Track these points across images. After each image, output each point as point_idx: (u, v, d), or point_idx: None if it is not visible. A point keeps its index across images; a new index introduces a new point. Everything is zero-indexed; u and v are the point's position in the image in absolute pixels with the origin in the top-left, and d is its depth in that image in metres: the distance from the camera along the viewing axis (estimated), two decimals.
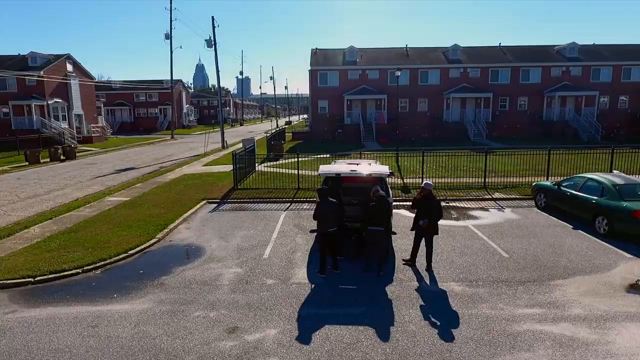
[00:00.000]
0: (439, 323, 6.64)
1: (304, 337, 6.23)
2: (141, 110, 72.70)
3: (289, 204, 15.06)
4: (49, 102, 39.20)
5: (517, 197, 15.28)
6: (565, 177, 13.57)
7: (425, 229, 8.82)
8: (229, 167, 24.29)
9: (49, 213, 14.11)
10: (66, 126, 40.64)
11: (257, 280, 8.40)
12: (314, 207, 14.59)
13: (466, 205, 14.36)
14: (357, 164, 10.47)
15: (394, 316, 6.86)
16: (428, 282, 8.26)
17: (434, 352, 5.84)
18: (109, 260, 9.45)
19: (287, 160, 24.76)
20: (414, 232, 9.13)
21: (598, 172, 13.65)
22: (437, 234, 9.01)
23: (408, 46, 42.47)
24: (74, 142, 37.88)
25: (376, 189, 9.19)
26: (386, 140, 35.69)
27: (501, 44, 42.46)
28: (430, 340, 6.15)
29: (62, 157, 30.17)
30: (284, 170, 21.06)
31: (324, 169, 9.88)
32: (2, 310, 7.29)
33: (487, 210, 13.73)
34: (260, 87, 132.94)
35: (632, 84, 38.66)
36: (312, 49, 42.12)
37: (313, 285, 8.10)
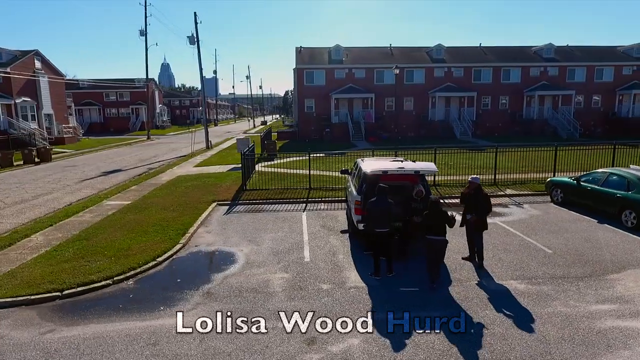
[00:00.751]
0: (521, 323, 6.40)
1: (393, 346, 5.83)
2: (111, 110, 69.59)
3: (304, 204, 14.55)
4: (16, 101, 36.64)
5: (529, 193, 15.45)
6: (583, 173, 13.78)
7: (474, 224, 8.66)
8: (224, 168, 23.48)
9: (46, 219, 12.96)
10: (36, 127, 38.13)
11: (311, 285, 7.90)
12: (332, 207, 14.42)
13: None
14: (401, 161, 10.14)
15: (473, 319, 6.57)
16: (486, 280, 8.04)
17: (535, 355, 5.58)
18: (139, 269, 8.66)
19: (284, 160, 24.17)
20: (464, 228, 8.98)
21: (603, 167, 14.00)
22: (487, 229, 8.86)
23: (392, 45, 42.71)
24: (45, 143, 35.55)
25: (419, 189, 8.90)
26: (375, 139, 35.68)
27: (481, 44, 43.45)
28: (523, 342, 5.90)
29: (36, 160, 28.23)
30: (284, 170, 20.45)
31: (368, 166, 9.47)
32: (36, 329, 6.44)
33: (506, 206, 13.76)
34: (233, 87, 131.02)
35: (604, 83, 40.53)
36: (296, 47, 41.56)
37: (372, 289, 7.69)
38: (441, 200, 8.13)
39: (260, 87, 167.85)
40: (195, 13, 35.51)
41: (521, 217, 12.47)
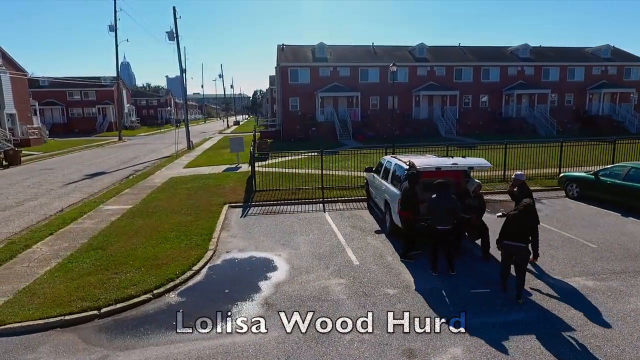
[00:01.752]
0: (614, 323, 6.16)
1: (498, 354, 5.39)
2: (76, 110, 65.81)
3: (321, 204, 13.96)
4: None
5: (540, 188, 15.57)
6: (600, 168, 13.98)
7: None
8: (217, 169, 22.43)
9: (42, 227, 11.69)
10: None
11: (376, 291, 7.36)
12: (352, 206, 13.88)
13: (501, 199, 14.29)
14: (452, 157, 9.77)
15: (564, 319, 6.26)
16: (551, 278, 7.79)
17: None
18: (177, 281, 7.80)
19: (279, 160, 23.41)
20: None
21: (614, 163, 14.30)
22: (539, 222, 8.70)
23: (375, 44, 42.69)
24: (10, 145, 32.84)
25: (478, 185, 8.56)
26: (362, 138, 35.47)
27: (460, 44, 44.28)
28: (630, 343, 5.63)
29: (4, 163, 25.97)
30: (285, 170, 19.69)
31: (419, 162, 9.02)
32: (86, 357, 5.54)
33: None
34: (202, 87, 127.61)
35: (576, 83, 42.31)
36: (278, 45, 40.72)
37: (442, 292, 7.25)
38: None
39: (232, 86, 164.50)
40: (174, 7, 33.96)
41: (545, 212, 12.45)
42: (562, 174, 14.98)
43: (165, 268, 8.29)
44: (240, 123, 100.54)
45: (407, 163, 9.54)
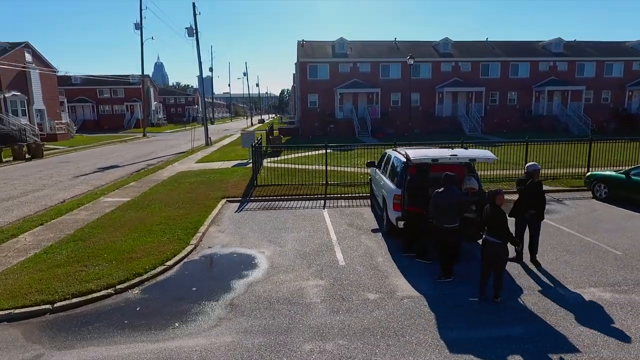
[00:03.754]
0: (632, 345, 5.14)
1: None
2: (105, 107, 67.81)
3: (322, 200, 13.24)
4: (6, 95, 34.91)
5: (565, 188, 14.26)
6: (632, 167, 12.58)
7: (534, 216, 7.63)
8: (228, 164, 22.10)
9: (36, 217, 11.55)
10: (27, 122, 36.41)
11: (354, 295, 6.58)
12: (354, 203, 13.09)
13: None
14: (452, 149, 8.85)
15: (568, 338, 5.29)
16: (561, 288, 6.77)
17: None
18: (145, 276, 7.30)
19: (291, 156, 22.89)
20: (512, 219, 7.83)
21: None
22: (543, 219, 7.83)
23: (397, 40, 41.47)
24: (36, 139, 33.89)
25: (471, 184, 7.60)
26: (382, 135, 34.42)
27: (488, 39, 42.36)
28: None
29: (27, 156, 26.68)
30: (293, 166, 19.13)
31: (415, 153, 8.16)
32: (20, 355, 5.07)
33: (548, 203, 12.45)
34: (229, 85, 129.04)
35: (614, 79, 39.59)
36: (298, 41, 40.19)
37: (430, 299, 6.39)
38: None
39: (257, 85, 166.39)
40: (194, 4, 34.05)
41: (568, 214, 11.25)
42: (588, 173, 13.62)
43: (137, 262, 7.81)
44: (266, 121, 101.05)
45: (405, 155, 8.69)
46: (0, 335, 5.54)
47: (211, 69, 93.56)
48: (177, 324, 5.76)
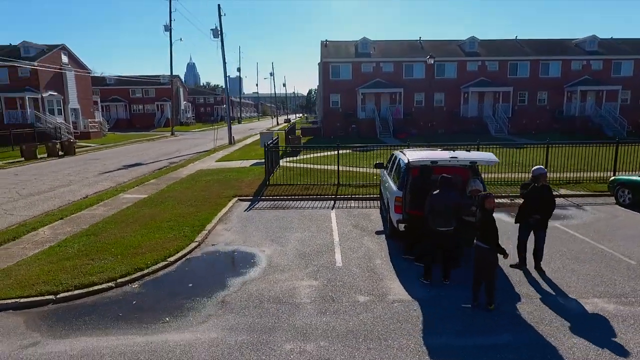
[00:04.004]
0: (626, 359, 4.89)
1: None
2: (137, 106, 70.23)
3: (332, 201, 13.24)
4: (43, 95, 36.85)
5: (587, 193, 13.64)
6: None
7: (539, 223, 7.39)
8: (246, 163, 22.46)
9: (58, 212, 12.13)
10: (62, 121, 38.29)
11: (345, 296, 6.57)
12: (363, 205, 13.04)
13: None
14: (454, 151, 8.66)
15: (558, 350, 5.09)
16: (562, 297, 6.51)
17: None
18: (147, 270, 7.55)
19: (308, 156, 22.99)
20: (517, 225, 7.68)
21: None
22: (547, 226, 7.53)
23: (422, 39, 40.83)
24: (70, 137, 35.58)
25: (476, 186, 7.40)
26: (404, 135, 33.98)
27: (517, 37, 41.02)
28: None
29: (60, 153, 28.00)
30: (309, 166, 19.22)
31: (414, 155, 8.06)
32: (18, 342, 5.37)
33: (565, 208, 12.04)
34: (257, 85, 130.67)
35: None
36: (321, 41, 40.26)
37: (421, 304, 6.29)
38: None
39: (284, 84, 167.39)
40: (219, 5, 34.75)
41: (585, 220, 10.77)
42: (612, 178, 12.98)
43: (140, 257, 8.09)
44: (292, 121, 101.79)
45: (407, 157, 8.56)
46: (4, 322, 5.88)
47: (239, 69, 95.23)
48: (167, 319, 5.93)
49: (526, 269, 7.56)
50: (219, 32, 35.23)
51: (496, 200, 12.32)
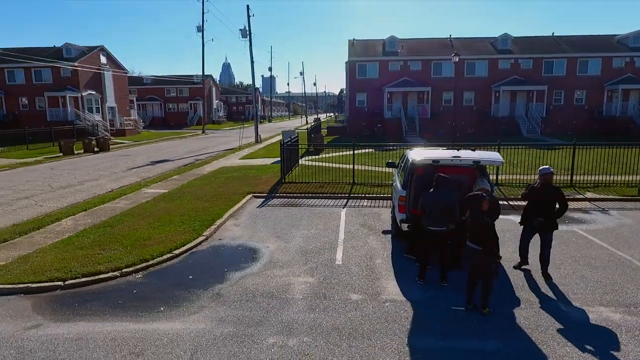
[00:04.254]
0: None
1: None
2: (172, 105, 72.59)
3: (345, 200, 13.21)
4: (83, 94, 38.82)
5: (616, 197, 12.90)
6: None
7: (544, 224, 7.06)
8: (268, 160, 22.76)
9: (82, 204, 12.77)
10: (100, 118, 40.21)
11: (338, 294, 6.56)
12: (376, 204, 12.96)
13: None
14: (458, 150, 8.46)
15: (548, 358, 4.87)
16: (565, 304, 6.21)
17: None
18: (151, 262, 7.84)
19: (330, 155, 22.99)
20: (521, 226, 7.44)
21: None
22: (557, 228, 7.13)
23: (452, 36, 39.87)
24: (107, 134, 37.33)
25: (484, 185, 7.16)
26: (431, 135, 33.34)
27: (554, 34, 39.23)
28: None
29: (95, 149, 29.42)
30: (329, 164, 19.24)
31: (417, 154, 7.93)
32: (23, 323, 5.73)
33: (587, 212, 11.45)
34: (288, 84, 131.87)
35: None
36: (349, 40, 40.14)
37: (413, 305, 6.19)
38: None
39: (315, 84, 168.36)
40: (247, 6, 35.36)
41: (608, 225, 10.20)
42: None
43: (148, 249, 8.40)
44: (322, 120, 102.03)
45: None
46: (14, 305, 6.28)
47: (270, 69, 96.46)
48: (162, 308, 6.14)
49: (530, 274, 7.27)
50: (248, 32, 35.86)
51: (512, 203, 11.91)
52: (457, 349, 5.04)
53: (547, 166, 7.19)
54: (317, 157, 22.56)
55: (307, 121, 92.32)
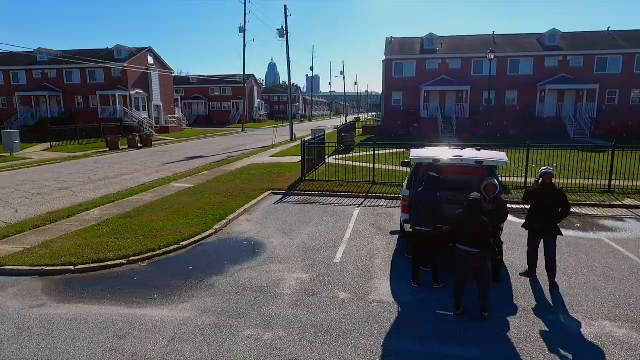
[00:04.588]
0: None
1: None
2: (215, 104, 75.12)
3: (362, 199, 13.09)
4: (131, 93, 41.13)
5: None
6: None
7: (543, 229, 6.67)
8: (297, 159, 22.94)
9: (112, 196, 13.57)
10: (146, 116, 42.43)
11: (327, 292, 6.54)
12: (392, 204, 12.75)
13: (590, 212, 11.29)
14: (462, 149, 8.15)
15: None
16: (566, 315, 5.80)
17: None
18: (157, 252, 8.20)
19: (360, 154, 22.83)
20: (527, 231, 7.02)
21: None
22: (561, 234, 6.70)
23: (496, 33, 38.18)
24: (151, 131, 39.35)
25: (490, 183, 6.81)
26: (468, 136, 32.14)
27: (609, 29, 36.48)
28: None
29: (139, 145, 31.04)
30: (356, 164, 19.15)
31: (417, 153, 7.73)
32: (29, 302, 6.21)
33: (621, 220, 10.59)
34: (329, 84, 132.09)
35: None
36: (387, 38, 39.58)
37: (400, 307, 6.04)
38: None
39: (356, 83, 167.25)
40: (285, 6, 35.83)
41: (638, 233, 9.38)
42: None
43: (158, 239, 8.79)
44: (362, 119, 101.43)
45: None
46: (27, 285, 6.82)
47: (312, 68, 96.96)
48: (156, 296, 6.42)
49: (537, 282, 6.84)
50: (285, 32, 36.35)
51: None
52: (433, 354, 4.87)
53: (548, 167, 6.75)
54: (346, 155, 22.51)
55: (346, 120, 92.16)
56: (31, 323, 5.58)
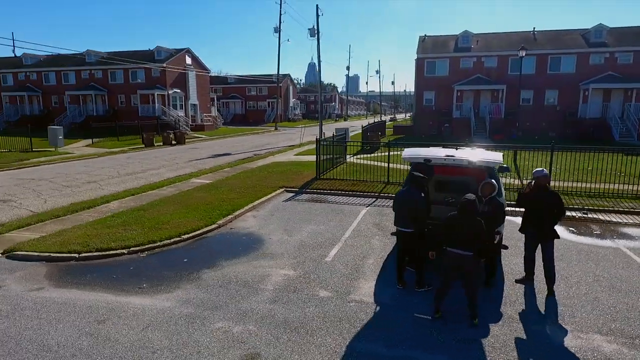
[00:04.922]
0: None
1: None
2: (251, 103, 76.69)
3: (374, 199, 12.93)
4: (169, 92, 42.83)
5: None
6: None
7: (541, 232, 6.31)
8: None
9: (133, 190, 14.20)
10: (182, 114, 44.03)
11: (308, 289, 6.53)
12: None
13: (614, 219, 10.52)
14: (456, 149, 7.86)
15: None
16: (554, 326, 5.45)
17: None
18: (158, 243, 8.52)
19: (383, 154, 22.52)
20: (523, 235, 6.69)
21: None
22: (558, 237, 6.31)
23: (536, 29, 36.36)
24: (187, 128, 40.81)
25: (488, 182, 6.52)
26: (502, 137, 30.85)
27: None
28: None
29: (173, 142, 32.30)
30: (377, 163, 18.93)
31: (410, 152, 7.54)
32: (30, 285, 6.65)
33: None
34: (366, 84, 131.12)
35: None
36: (420, 36, 38.76)
37: (378, 308, 5.93)
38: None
39: (393, 82, 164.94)
40: (317, 5, 35.95)
41: None
42: None
43: (161, 231, 9.12)
44: (398, 119, 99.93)
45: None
46: (32, 269, 7.30)
47: (348, 68, 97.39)
48: (145, 285, 6.67)
49: (533, 290, 6.49)
50: (316, 31, 36.49)
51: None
52: (397, 358, 4.74)
53: (541, 169, 6.36)
54: (370, 155, 22.32)
55: (380, 119, 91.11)
56: (25, 304, 5.98)
